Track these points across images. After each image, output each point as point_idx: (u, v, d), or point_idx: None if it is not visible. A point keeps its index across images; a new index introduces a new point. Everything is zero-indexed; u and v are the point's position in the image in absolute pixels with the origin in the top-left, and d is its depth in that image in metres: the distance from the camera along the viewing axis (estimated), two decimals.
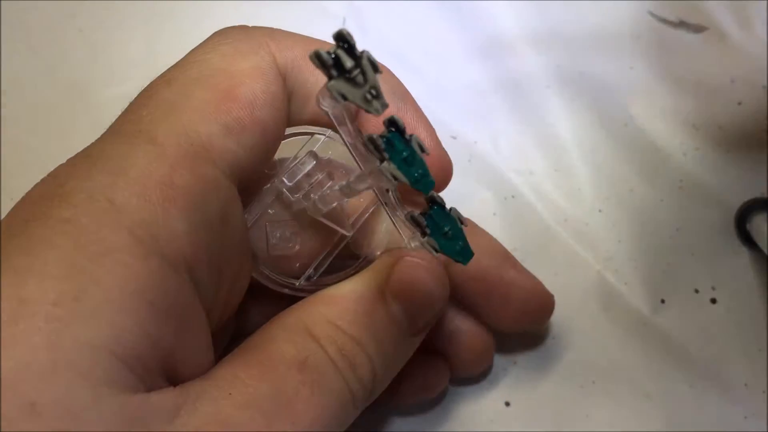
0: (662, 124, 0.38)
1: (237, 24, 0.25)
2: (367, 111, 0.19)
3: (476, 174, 0.38)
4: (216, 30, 0.25)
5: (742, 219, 0.35)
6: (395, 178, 0.20)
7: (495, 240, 0.31)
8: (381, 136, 0.20)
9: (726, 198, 0.36)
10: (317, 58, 0.18)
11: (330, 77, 0.19)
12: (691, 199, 0.36)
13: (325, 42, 0.25)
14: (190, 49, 0.24)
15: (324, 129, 0.27)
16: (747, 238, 0.35)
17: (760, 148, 0.36)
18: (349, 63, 0.18)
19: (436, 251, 0.21)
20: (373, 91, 0.19)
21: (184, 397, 0.20)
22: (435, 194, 0.21)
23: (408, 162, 0.20)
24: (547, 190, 0.37)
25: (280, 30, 0.25)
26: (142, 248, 0.19)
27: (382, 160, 0.20)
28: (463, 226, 0.22)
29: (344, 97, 0.19)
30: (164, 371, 0.20)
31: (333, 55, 0.18)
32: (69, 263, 0.18)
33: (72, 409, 0.17)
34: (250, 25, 0.25)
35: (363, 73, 0.19)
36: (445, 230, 0.21)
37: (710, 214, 0.36)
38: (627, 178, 0.37)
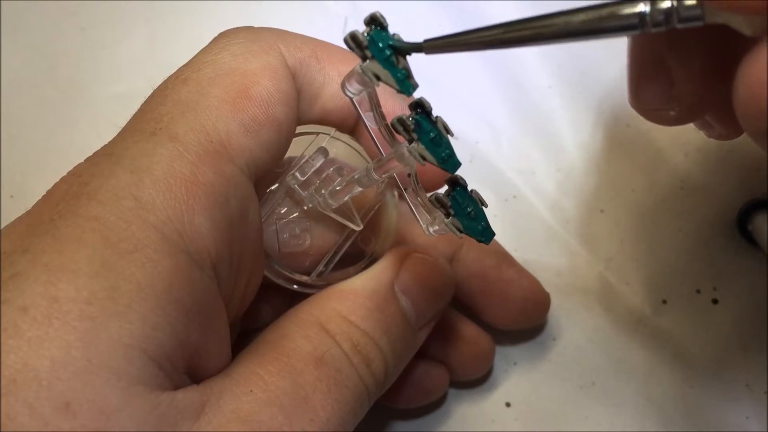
0: None
1: (238, 23, 0.26)
2: (399, 91, 0.19)
3: (478, 174, 0.38)
4: (217, 29, 0.25)
5: (744, 219, 0.35)
6: (423, 159, 0.21)
7: (494, 240, 0.31)
8: (409, 117, 0.20)
9: (727, 198, 0.36)
10: (353, 40, 0.19)
11: (364, 58, 0.19)
12: (692, 200, 0.36)
13: (331, 44, 0.26)
14: (191, 48, 0.24)
15: (328, 128, 0.27)
16: (748, 239, 0.35)
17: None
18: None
19: (460, 231, 0.21)
20: (405, 72, 0.19)
21: (208, 395, 0.20)
22: (458, 175, 0.22)
23: (435, 142, 0.21)
24: (548, 190, 0.37)
25: (287, 31, 0.25)
26: (169, 245, 0.19)
27: (411, 141, 0.20)
28: (483, 207, 0.22)
29: (378, 78, 0.19)
30: (188, 368, 0.20)
31: (368, 37, 0.19)
32: (100, 261, 0.18)
33: (106, 409, 0.17)
34: (253, 24, 0.25)
35: (393, 53, 0.19)
36: (468, 211, 0.22)
37: (711, 214, 0.36)
38: (628, 179, 0.37)
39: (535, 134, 0.39)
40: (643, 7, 0.17)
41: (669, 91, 0.21)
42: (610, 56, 0.40)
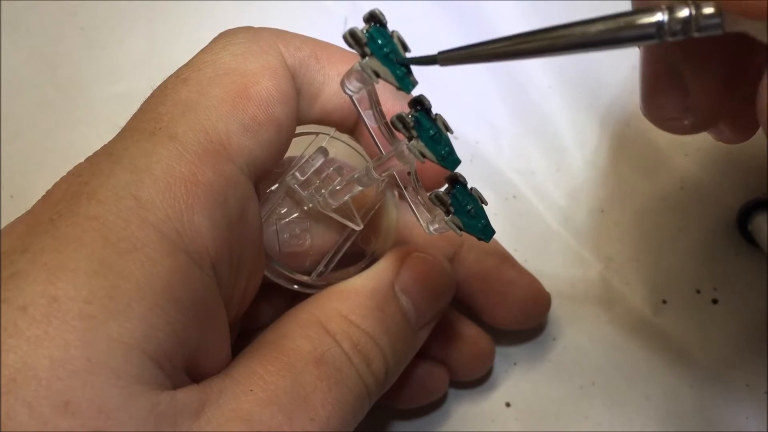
0: None
1: (238, 23, 0.26)
2: (399, 88, 0.19)
3: (478, 174, 0.38)
4: (217, 29, 0.25)
5: (744, 219, 0.35)
6: (423, 156, 0.21)
7: (495, 240, 0.31)
8: (408, 115, 0.20)
9: (727, 198, 0.36)
10: (352, 37, 0.19)
11: (363, 55, 0.19)
12: (692, 200, 0.36)
13: (331, 44, 0.26)
14: (191, 48, 0.24)
15: (328, 128, 0.27)
16: (748, 239, 0.35)
17: (760, 148, 0.36)
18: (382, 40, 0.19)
19: (460, 229, 0.21)
20: (404, 69, 0.19)
21: (208, 395, 0.20)
22: (458, 173, 0.21)
23: (435, 140, 0.21)
24: (548, 190, 0.37)
25: (287, 31, 0.25)
26: (168, 245, 0.19)
27: (410, 138, 0.20)
28: (483, 205, 0.22)
29: (377, 75, 0.19)
30: (187, 368, 0.20)
31: (367, 34, 0.19)
32: (99, 260, 0.18)
33: (105, 408, 0.17)
34: (253, 24, 0.26)
35: (394, 51, 0.19)
36: (468, 208, 0.22)
37: (711, 214, 0.36)
38: (628, 179, 0.37)
39: (535, 134, 0.39)
40: (660, 17, 0.17)
41: (684, 101, 0.21)
42: (611, 56, 0.40)
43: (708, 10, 0.17)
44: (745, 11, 0.16)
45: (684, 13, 0.17)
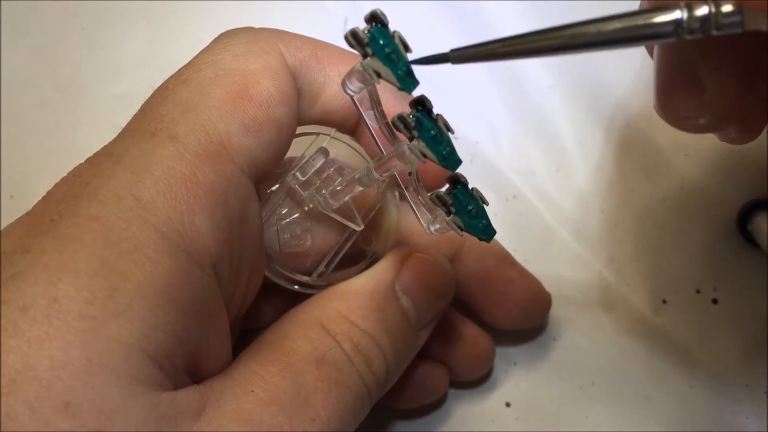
0: (664, 123, 0.38)
1: (238, 23, 0.26)
2: (400, 89, 0.19)
3: (478, 174, 0.38)
4: (217, 30, 0.25)
5: (744, 219, 0.35)
6: (424, 156, 0.21)
7: (495, 240, 0.31)
8: (410, 115, 0.20)
9: (727, 198, 0.36)
10: (353, 37, 0.19)
11: (365, 55, 0.19)
12: (692, 200, 0.36)
13: (331, 44, 0.26)
14: (191, 48, 0.24)
15: (329, 129, 0.28)
16: (748, 239, 0.35)
17: (760, 148, 0.36)
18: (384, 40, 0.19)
19: (461, 229, 0.21)
20: (406, 68, 0.19)
21: (208, 395, 0.20)
22: (459, 173, 0.21)
23: (436, 140, 0.21)
24: (548, 190, 0.37)
25: (287, 31, 0.25)
26: (169, 245, 0.19)
27: (411, 139, 0.20)
28: (484, 205, 0.22)
29: (378, 75, 0.19)
30: (188, 368, 0.20)
31: (369, 35, 0.19)
32: (100, 260, 0.18)
33: (105, 409, 0.17)
34: (253, 24, 0.26)
35: (395, 51, 0.19)
36: (470, 209, 0.22)
37: (711, 214, 0.36)
38: (628, 179, 0.37)
39: (535, 134, 0.39)
40: (678, 15, 0.17)
41: (699, 99, 0.21)
42: (612, 56, 0.40)
43: (727, 8, 0.16)
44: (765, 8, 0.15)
45: (703, 11, 0.16)
